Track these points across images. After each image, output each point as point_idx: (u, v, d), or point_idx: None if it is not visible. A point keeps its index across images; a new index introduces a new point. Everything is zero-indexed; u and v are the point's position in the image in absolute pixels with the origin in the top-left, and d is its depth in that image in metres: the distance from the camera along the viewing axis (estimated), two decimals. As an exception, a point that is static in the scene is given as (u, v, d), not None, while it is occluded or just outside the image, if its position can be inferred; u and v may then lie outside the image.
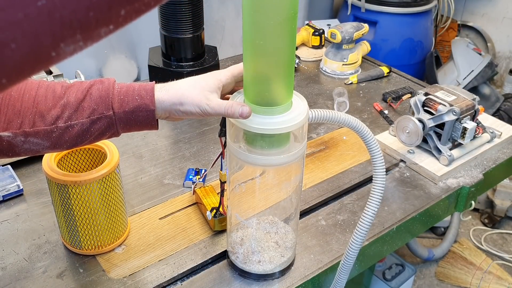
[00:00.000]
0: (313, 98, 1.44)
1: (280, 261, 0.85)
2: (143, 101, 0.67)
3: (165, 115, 0.70)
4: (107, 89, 0.67)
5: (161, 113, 0.69)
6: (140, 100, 0.67)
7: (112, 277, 0.85)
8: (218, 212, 0.92)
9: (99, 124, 0.66)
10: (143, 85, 0.69)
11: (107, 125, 0.67)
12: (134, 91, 0.68)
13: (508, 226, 2.27)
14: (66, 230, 0.87)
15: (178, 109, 0.69)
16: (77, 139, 0.67)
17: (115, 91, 0.67)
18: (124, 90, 0.68)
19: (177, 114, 0.69)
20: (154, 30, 1.43)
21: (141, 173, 1.11)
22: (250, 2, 0.61)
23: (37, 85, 0.67)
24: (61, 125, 0.65)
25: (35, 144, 0.65)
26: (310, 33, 1.67)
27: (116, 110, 0.66)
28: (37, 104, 0.65)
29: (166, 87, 0.69)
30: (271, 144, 0.70)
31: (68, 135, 0.66)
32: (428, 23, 2.34)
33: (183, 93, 0.69)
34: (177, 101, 0.68)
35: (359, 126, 0.72)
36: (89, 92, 0.66)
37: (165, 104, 0.68)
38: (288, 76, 0.67)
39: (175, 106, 0.68)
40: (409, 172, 1.15)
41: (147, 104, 0.67)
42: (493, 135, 1.20)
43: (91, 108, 0.66)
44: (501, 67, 2.62)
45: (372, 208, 0.75)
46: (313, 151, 1.19)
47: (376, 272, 1.76)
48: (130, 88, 0.68)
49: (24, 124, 0.64)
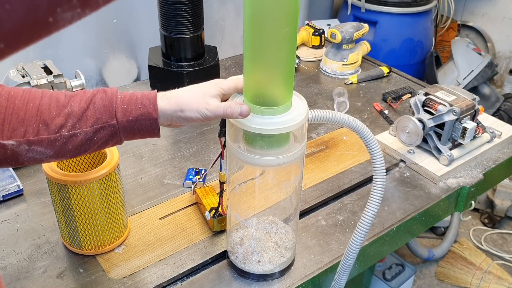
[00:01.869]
0: (313, 98, 1.44)
1: (280, 261, 0.85)
2: (146, 109, 0.68)
3: (167, 122, 0.71)
4: (110, 98, 0.68)
5: (163, 121, 0.70)
6: (143, 109, 0.68)
7: (112, 277, 0.85)
8: (217, 212, 0.92)
9: (103, 133, 0.67)
10: (145, 94, 0.70)
11: (111, 134, 0.68)
12: (137, 100, 0.68)
13: (508, 226, 2.27)
14: (66, 230, 0.87)
15: (179, 115, 0.70)
16: (80, 148, 0.67)
17: (119, 100, 0.68)
18: (127, 99, 0.68)
19: (178, 121, 0.71)
20: (154, 30, 1.43)
21: (141, 173, 1.11)
22: (252, 4, 0.62)
23: (40, 94, 0.67)
24: (65, 133, 0.66)
25: (39, 152, 0.66)
26: (310, 33, 1.67)
27: (120, 119, 0.67)
28: (41, 112, 0.66)
29: (167, 95, 0.71)
30: (271, 144, 0.70)
31: (72, 144, 0.66)
32: (428, 23, 2.34)
33: (183, 100, 0.70)
34: (178, 108, 0.69)
35: (359, 126, 0.72)
36: (93, 101, 0.67)
37: (167, 112, 0.69)
38: (288, 77, 0.67)
39: (176, 113, 0.70)
40: (409, 172, 1.15)
41: (150, 112, 0.68)
42: (493, 135, 1.20)
43: (94, 117, 0.66)
44: (501, 67, 2.62)
45: (372, 208, 0.75)
46: (313, 151, 1.19)
47: (376, 272, 1.76)
48: (133, 97, 0.69)
49: (28, 132, 0.65)
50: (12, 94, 0.66)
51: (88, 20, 1.65)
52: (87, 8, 0.28)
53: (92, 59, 1.69)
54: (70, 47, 1.60)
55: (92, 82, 1.71)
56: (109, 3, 0.29)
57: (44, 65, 1.18)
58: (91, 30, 1.63)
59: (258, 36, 0.63)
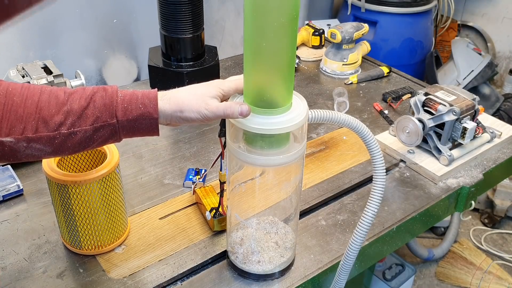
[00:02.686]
0: (313, 98, 1.44)
1: (280, 262, 0.85)
2: (146, 109, 0.68)
3: (166, 122, 0.71)
4: (110, 97, 0.67)
5: (163, 120, 0.70)
6: (143, 109, 0.68)
7: (112, 277, 0.85)
8: (217, 212, 0.92)
9: (103, 132, 0.67)
10: (146, 93, 0.70)
11: (110, 133, 0.68)
12: (138, 99, 0.68)
13: (508, 226, 2.27)
14: (66, 230, 0.87)
15: (179, 116, 0.70)
16: (79, 145, 0.67)
17: (119, 99, 0.68)
18: (128, 98, 0.68)
19: (178, 121, 0.71)
20: (154, 30, 1.43)
21: (141, 173, 1.11)
22: (252, 6, 0.62)
23: (39, 91, 0.67)
24: (64, 131, 0.65)
25: (37, 150, 0.66)
26: (310, 33, 1.67)
27: (120, 118, 0.67)
28: (40, 110, 0.65)
29: (167, 95, 0.70)
30: (271, 144, 0.70)
31: (71, 142, 0.66)
32: (428, 23, 2.33)
33: (183, 100, 0.70)
34: (178, 108, 0.69)
35: (359, 126, 0.72)
36: (93, 99, 0.67)
37: (167, 113, 0.69)
38: (288, 78, 0.68)
39: (175, 113, 0.70)
40: (409, 172, 1.15)
41: (151, 112, 0.68)
42: (493, 135, 1.20)
43: (94, 116, 0.66)
44: (501, 67, 2.62)
45: (372, 208, 0.75)
46: (313, 151, 1.19)
47: (376, 272, 1.76)
48: (134, 96, 0.69)
49: (27, 129, 0.64)
50: (10, 90, 0.66)
51: (88, 20, 1.65)
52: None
53: (92, 59, 1.69)
54: (70, 47, 1.60)
55: (92, 82, 1.71)
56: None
57: (44, 65, 1.18)
58: (91, 30, 1.63)
59: (258, 32, 0.63)
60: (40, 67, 1.16)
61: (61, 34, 1.57)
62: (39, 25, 1.52)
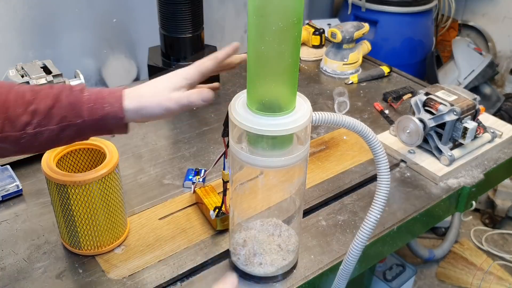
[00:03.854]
0: (313, 98, 1.43)
1: (282, 264, 0.84)
2: (112, 108, 0.68)
3: (133, 119, 0.70)
4: (76, 96, 0.67)
5: (129, 119, 0.70)
6: (109, 108, 0.68)
7: (111, 277, 0.85)
8: (220, 211, 0.92)
9: (69, 131, 0.67)
10: (112, 91, 0.69)
11: (77, 132, 0.67)
12: (104, 98, 0.68)
13: (509, 226, 2.27)
14: (66, 231, 0.87)
15: (142, 113, 0.70)
16: (46, 144, 0.67)
17: (85, 99, 0.67)
18: (94, 97, 0.68)
19: (144, 118, 0.70)
20: (153, 29, 1.42)
21: (141, 173, 1.10)
22: (253, 10, 0.61)
23: (7, 90, 0.66)
24: (30, 131, 0.65)
25: (2, 149, 0.66)
26: (310, 33, 1.67)
27: (86, 118, 0.67)
28: (7, 109, 0.65)
29: (130, 94, 0.70)
30: (273, 145, 0.70)
31: (37, 141, 0.66)
32: (428, 22, 2.33)
33: (144, 98, 0.70)
34: (139, 105, 0.69)
35: (364, 129, 0.71)
36: (59, 98, 0.66)
37: (131, 111, 0.69)
38: (291, 83, 0.67)
39: (139, 111, 0.69)
40: (410, 172, 1.14)
41: (116, 111, 0.68)
42: (494, 135, 1.20)
43: (60, 116, 0.66)
44: (502, 66, 2.62)
45: (375, 213, 0.74)
46: (313, 151, 1.19)
47: (376, 273, 1.76)
48: (100, 95, 0.68)
49: None
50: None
51: (87, 19, 1.65)
52: None
53: (91, 58, 1.69)
54: (70, 47, 1.60)
55: (91, 81, 1.71)
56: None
57: (43, 65, 1.17)
58: (91, 29, 1.63)
59: (261, 35, 0.63)
60: (39, 66, 1.16)
61: (60, 34, 1.57)
62: (38, 25, 1.51)
